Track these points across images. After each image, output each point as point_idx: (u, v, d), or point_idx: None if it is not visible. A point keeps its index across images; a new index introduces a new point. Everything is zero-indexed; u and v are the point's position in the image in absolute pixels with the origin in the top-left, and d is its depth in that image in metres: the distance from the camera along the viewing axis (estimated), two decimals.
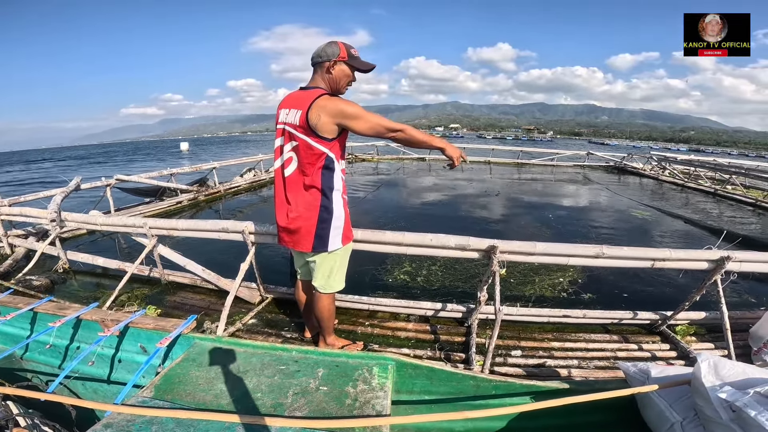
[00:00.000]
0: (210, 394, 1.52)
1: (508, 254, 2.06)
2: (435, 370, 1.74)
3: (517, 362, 2.13)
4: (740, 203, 7.75)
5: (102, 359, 2.18)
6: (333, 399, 1.49)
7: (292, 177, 1.73)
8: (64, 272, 3.44)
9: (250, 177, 8.70)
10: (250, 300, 2.74)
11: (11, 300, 2.45)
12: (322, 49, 1.69)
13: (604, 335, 2.43)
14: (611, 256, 2.07)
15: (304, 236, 1.75)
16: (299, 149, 1.67)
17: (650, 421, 1.57)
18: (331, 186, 1.71)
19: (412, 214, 6.11)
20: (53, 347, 2.28)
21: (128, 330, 2.11)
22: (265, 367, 1.70)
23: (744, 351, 2.20)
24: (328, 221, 1.72)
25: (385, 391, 1.54)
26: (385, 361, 1.73)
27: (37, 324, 2.36)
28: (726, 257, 2.03)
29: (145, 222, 2.77)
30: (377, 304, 2.60)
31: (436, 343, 2.29)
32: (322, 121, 1.59)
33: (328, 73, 1.70)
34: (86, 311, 2.23)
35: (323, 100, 1.60)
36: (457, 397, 1.75)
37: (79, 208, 3.94)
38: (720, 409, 1.20)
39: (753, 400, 1.12)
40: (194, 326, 2.12)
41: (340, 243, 1.78)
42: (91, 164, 29.64)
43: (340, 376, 1.64)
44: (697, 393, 1.32)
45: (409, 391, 1.77)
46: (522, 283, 3.31)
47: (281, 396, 1.50)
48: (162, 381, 1.60)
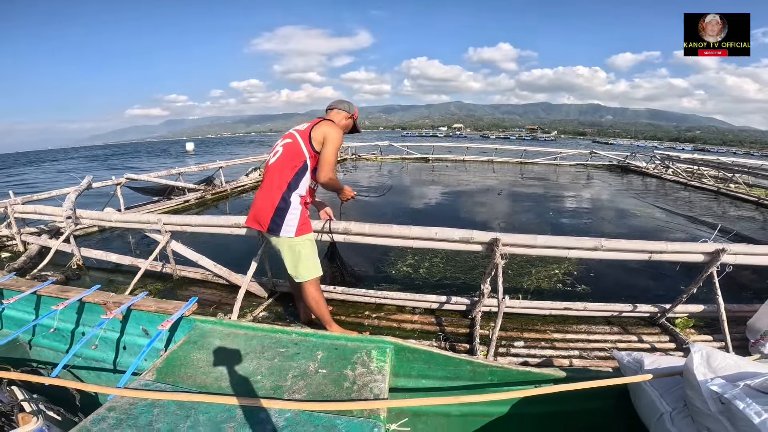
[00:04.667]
0: (211, 376, 1.54)
1: (510, 247, 2.13)
2: (433, 354, 1.75)
3: (520, 353, 2.20)
4: (743, 201, 7.77)
5: (105, 343, 2.20)
6: (332, 382, 1.50)
7: (273, 166, 2.06)
8: (78, 269, 3.54)
9: (256, 176, 8.79)
10: (260, 294, 2.82)
11: (14, 283, 2.43)
12: (349, 104, 2.28)
13: (605, 327, 2.50)
14: (610, 249, 2.14)
15: (263, 217, 2.02)
16: (290, 146, 2.04)
17: (641, 410, 1.58)
18: (296, 186, 2.01)
19: (416, 210, 6.22)
20: (57, 331, 2.29)
21: (131, 313, 2.13)
22: (265, 350, 1.71)
23: (742, 343, 2.25)
24: (285, 210, 1.99)
25: (383, 375, 1.55)
26: (383, 345, 1.74)
27: (41, 308, 2.37)
28: (721, 249, 2.09)
29: (159, 218, 2.86)
30: (384, 297, 2.68)
31: (441, 334, 2.37)
32: (317, 133, 2.01)
33: (343, 119, 2.23)
34: (89, 293, 2.23)
35: (327, 125, 2.06)
36: (454, 382, 1.77)
37: (89, 207, 4.04)
38: (709, 401, 1.20)
39: (742, 392, 1.13)
40: (195, 308, 2.10)
41: (293, 232, 2.00)
42: (104, 164, 29.97)
43: (338, 359, 1.65)
44: (689, 384, 1.32)
45: (407, 374, 1.78)
46: (519, 274, 3.40)
47: (281, 378, 1.52)
48: (164, 364, 1.61)
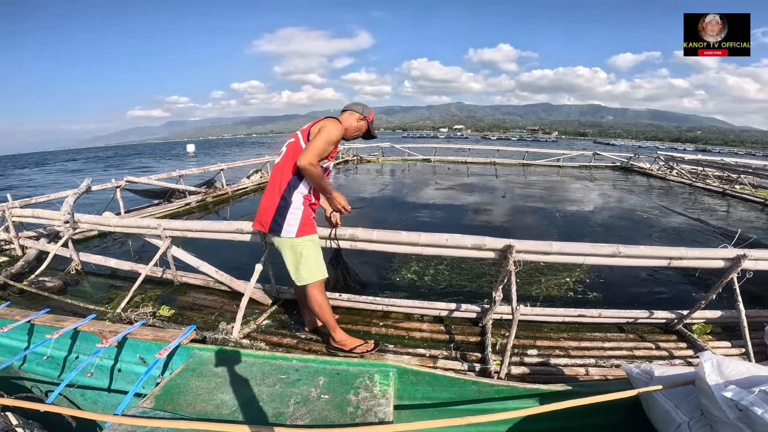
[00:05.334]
0: (211, 404, 1.52)
1: (524, 254, 2.06)
2: (437, 376, 1.73)
3: (533, 361, 2.12)
4: (749, 203, 7.69)
5: (101, 370, 2.15)
6: (335, 407, 1.48)
7: (277, 166, 2.04)
8: (76, 274, 3.47)
9: (257, 178, 8.74)
10: (263, 302, 2.75)
11: (8, 312, 2.40)
12: (362, 105, 2.17)
13: (620, 334, 2.42)
14: (628, 255, 2.06)
15: (266, 217, 2.00)
16: (292, 145, 2.02)
17: (656, 422, 1.54)
18: (297, 185, 1.97)
19: (419, 215, 6.13)
20: (51, 358, 2.24)
21: (126, 341, 2.08)
22: (266, 377, 1.70)
23: (761, 348, 2.18)
24: (285, 209, 1.95)
25: (387, 398, 1.54)
26: (386, 368, 1.73)
27: (35, 336, 2.32)
28: (742, 255, 2.02)
29: (159, 223, 2.79)
30: (391, 305, 2.60)
31: (451, 343, 2.29)
32: (315, 129, 1.96)
33: (354, 120, 2.11)
34: (84, 323, 2.19)
35: (327, 119, 2.00)
36: (460, 402, 1.74)
37: (87, 210, 3.96)
38: (726, 408, 1.19)
39: (759, 398, 1.11)
40: (193, 336, 2.08)
41: (294, 232, 1.96)
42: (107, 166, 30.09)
43: (341, 384, 1.63)
44: (703, 393, 1.31)
45: (412, 397, 1.76)
46: (528, 282, 3.29)
47: (282, 405, 1.50)
48: (162, 391, 1.59)
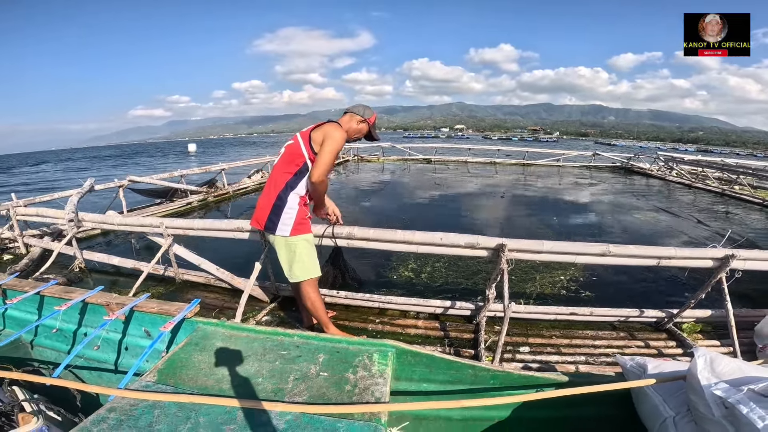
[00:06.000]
0: (212, 378, 1.53)
1: (516, 252, 2.11)
2: (434, 357, 1.73)
3: (525, 358, 2.18)
4: (748, 203, 7.72)
5: (107, 344, 2.20)
6: (333, 385, 1.49)
7: (275, 166, 2.10)
8: (80, 271, 3.53)
9: (258, 178, 8.79)
10: (262, 299, 2.81)
11: (17, 283, 2.42)
12: (364, 107, 2.17)
13: (611, 332, 2.47)
14: (618, 255, 2.11)
15: (262, 215, 2.05)
16: (291, 147, 2.06)
17: (644, 415, 1.56)
18: (294, 186, 2.02)
19: (417, 214, 6.19)
20: (60, 332, 2.28)
21: (133, 314, 2.12)
22: (267, 352, 1.70)
23: (749, 348, 2.22)
24: (280, 207, 2.00)
25: (384, 378, 1.54)
26: (385, 348, 1.72)
27: (44, 308, 2.36)
28: (731, 255, 2.06)
29: (162, 222, 2.85)
30: (387, 302, 2.65)
31: (445, 339, 2.35)
32: (317, 134, 1.99)
33: (355, 122, 2.13)
34: (92, 294, 2.22)
35: (329, 126, 2.02)
36: (455, 386, 1.75)
37: (91, 209, 4.03)
38: (713, 405, 1.19)
39: (746, 396, 1.12)
40: (198, 310, 2.08)
41: (288, 231, 2.00)
42: (109, 166, 30.13)
43: (340, 362, 1.64)
44: (692, 389, 1.31)
45: (409, 378, 1.77)
46: (523, 280, 3.36)
47: (282, 381, 1.51)
48: (165, 365, 1.60)
